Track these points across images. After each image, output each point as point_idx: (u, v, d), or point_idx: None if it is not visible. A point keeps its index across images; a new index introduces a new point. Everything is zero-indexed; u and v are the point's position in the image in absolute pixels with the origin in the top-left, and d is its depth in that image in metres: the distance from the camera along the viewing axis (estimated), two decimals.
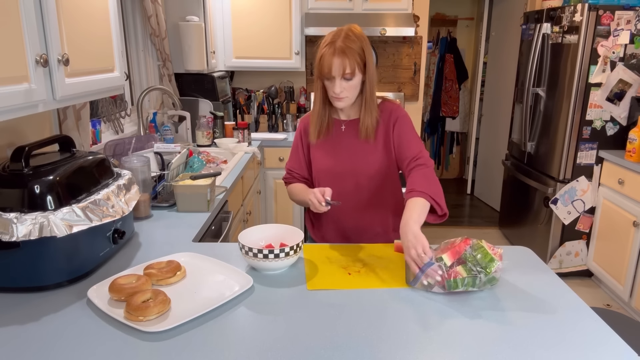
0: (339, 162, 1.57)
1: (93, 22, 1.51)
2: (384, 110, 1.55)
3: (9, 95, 1.11)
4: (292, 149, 1.70)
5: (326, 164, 1.59)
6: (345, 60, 1.40)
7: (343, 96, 1.46)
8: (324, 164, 1.59)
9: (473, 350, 0.98)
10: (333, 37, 1.43)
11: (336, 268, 1.34)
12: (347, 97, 1.47)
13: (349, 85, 1.44)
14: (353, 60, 1.41)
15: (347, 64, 1.40)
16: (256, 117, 3.74)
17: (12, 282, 1.17)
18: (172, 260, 1.29)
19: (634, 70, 2.99)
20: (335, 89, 1.44)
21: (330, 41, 1.42)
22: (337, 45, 1.40)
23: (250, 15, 3.51)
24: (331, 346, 0.98)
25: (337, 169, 1.57)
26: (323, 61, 1.42)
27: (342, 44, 1.40)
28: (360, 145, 1.55)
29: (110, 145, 2.08)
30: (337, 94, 1.45)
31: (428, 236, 1.22)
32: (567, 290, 1.24)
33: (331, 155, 1.58)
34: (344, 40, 1.41)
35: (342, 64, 1.40)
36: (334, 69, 1.41)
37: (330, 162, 1.58)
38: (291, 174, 1.69)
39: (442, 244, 1.27)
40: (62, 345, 0.97)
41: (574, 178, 3.22)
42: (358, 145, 1.55)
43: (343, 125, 1.58)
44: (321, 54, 1.43)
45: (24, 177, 1.16)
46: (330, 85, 1.45)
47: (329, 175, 1.59)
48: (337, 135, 1.58)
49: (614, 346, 1.00)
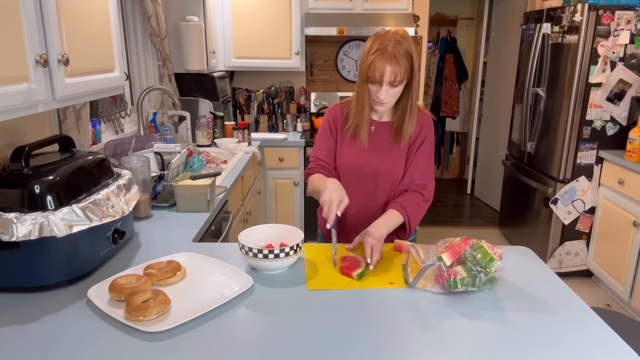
0: (366, 161, 1.56)
1: (93, 22, 1.51)
2: (418, 120, 1.55)
3: (9, 95, 1.11)
4: (319, 138, 1.64)
5: (352, 161, 1.58)
6: (397, 67, 1.37)
7: (386, 102, 1.45)
8: (350, 160, 1.58)
9: (473, 350, 0.98)
10: (382, 42, 1.38)
11: (336, 268, 1.34)
12: (389, 102, 1.47)
13: (393, 92, 1.44)
14: (404, 68, 1.39)
15: (398, 71, 1.38)
16: (256, 117, 3.74)
17: (12, 282, 1.17)
18: (172, 260, 1.29)
19: (634, 70, 2.99)
20: (381, 95, 1.42)
21: (381, 47, 1.38)
22: (388, 51, 1.37)
23: (250, 15, 3.51)
24: (331, 346, 0.98)
25: (363, 167, 1.57)
26: (374, 67, 1.38)
27: (393, 50, 1.37)
28: (389, 148, 1.55)
29: (110, 145, 2.08)
30: (381, 100, 1.44)
31: (428, 236, 1.23)
32: (567, 290, 1.24)
33: (359, 153, 1.57)
34: (394, 46, 1.37)
35: (393, 71, 1.38)
36: (385, 76, 1.38)
37: (356, 159, 1.57)
38: (317, 162, 1.62)
39: (441, 242, 1.27)
40: (62, 345, 0.97)
41: (574, 178, 3.22)
42: (386, 147, 1.56)
43: (373, 125, 1.57)
44: (370, 60, 1.39)
45: (24, 177, 1.16)
46: (375, 90, 1.44)
47: (353, 172, 1.58)
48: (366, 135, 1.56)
49: (614, 346, 1.00)
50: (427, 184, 1.57)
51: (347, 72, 4.04)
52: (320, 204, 1.40)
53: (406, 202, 1.53)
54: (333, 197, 1.32)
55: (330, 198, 1.32)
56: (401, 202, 1.53)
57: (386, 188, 1.58)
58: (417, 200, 1.55)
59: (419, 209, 1.55)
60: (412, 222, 1.54)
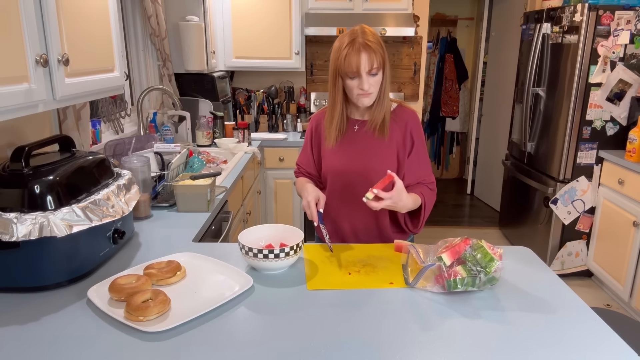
0: (351, 161, 1.56)
1: (93, 22, 1.51)
2: (401, 115, 1.56)
3: (9, 95, 1.11)
4: (303, 145, 1.72)
5: (338, 163, 1.58)
6: (372, 54, 1.41)
7: (371, 92, 1.46)
8: (335, 163, 1.58)
9: (473, 350, 0.98)
10: (351, 36, 1.42)
11: (336, 268, 1.34)
12: (373, 92, 1.48)
13: (375, 81, 1.46)
14: (379, 55, 1.42)
15: (374, 58, 1.41)
16: (256, 117, 3.74)
17: (12, 282, 1.17)
18: (172, 260, 1.29)
19: (634, 70, 2.99)
20: (364, 85, 1.43)
21: (350, 40, 1.41)
22: (359, 41, 1.40)
23: (250, 15, 3.51)
24: (331, 346, 0.98)
25: (349, 168, 1.56)
26: (349, 60, 1.40)
27: (363, 40, 1.40)
28: (373, 144, 1.55)
29: (110, 145, 2.08)
30: (365, 90, 1.44)
31: (428, 236, 1.23)
32: (567, 290, 1.24)
33: (343, 154, 1.57)
34: (363, 36, 1.41)
35: (369, 59, 1.40)
36: (362, 66, 1.40)
37: (342, 161, 1.57)
38: (299, 168, 1.73)
39: (441, 242, 1.27)
40: (62, 345, 0.97)
41: (574, 178, 3.22)
42: (371, 144, 1.55)
43: (357, 125, 1.58)
44: (344, 54, 1.41)
45: (24, 177, 1.16)
46: (356, 83, 1.45)
47: (340, 174, 1.58)
48: (350, 135, 1.57)
49: (614, 346, 1.00)
50: (429, 177, 1.61)
51: None
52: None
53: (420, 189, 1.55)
54: (309, 198, 1.45)
55: (307, 200, 1.45)
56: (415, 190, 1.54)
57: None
58: (428, 189, 1.58)
59: (431, 195, 1.58)
60: (427, 206, 1.55)
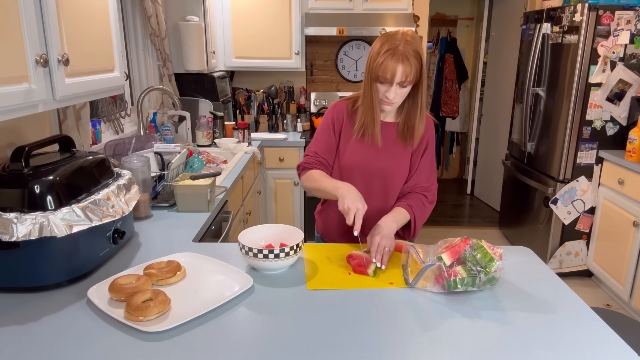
0: (372, 160, 1.56)
1: (93, 22, 1.51)
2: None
3: (9, 95, 1.11)
4: (320, 133, 1.61)
5: (358, 160, 1.56)
6: (408, 67, 1.37)
7: (395, 101, 1.45)
8: (355, 159, 1.57)
9: (473, 350, 0.98)
10: (393, 42, 1.38)
11: (336, 268, 1.34)
12: (397, 102, 1.47)
13: (402, 92, 1.44)
14: (415, 68, 1.38)
15: (409, 71, 1.38)
16: (256, 117, 3.74)
17: (12, 282, 1.17)
18: (172, 260, 1.29)
19: (634, 70, 2.99)
20: (390, 94, 1.42)
21: (391, 47, 1.37)
22: (399, 50, 1.36)
23: (250, 15, 3.51)
24: (331, 346, 0.98)
25: (369, 167, 1.56)
26: (385, 67, 1.38)
27: (404, 49, 1.37)
28: (394, 148, 1.55)
29: (110, 145, 2.08)
30: (390, 99, 1.43)
31: (428, 236, 1.23)
32: (567, 290, 1.24)
33: (365, 152, 1.56)
34: (405, 46, 1.37)
35: (404, 71, 1.37)
36: (397, 76, 1.38)
37: (362, 158, 1.56)
38: (316, 158, 1.59)
39: (441, 242, 1.27)
40: (62, 345, 0.97)
41: (574, 178, 3.22)
42: (392, 147, 1.55)
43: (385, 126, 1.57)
44: (382, 60, 1.38)
45: (24, 177, 1.16)
46: (383, 89, 1.43)
47: (358, 171, 1.57)
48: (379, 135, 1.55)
49: (614, 346, 1.00)
50: (431, 186, 1.59)
51: (347, 72, 4.04)
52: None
53: (412, 202, 1.55)
54: (358, 205, 1.33)
55: (357, 206, 1.32)
56: (407, 201, 1.55)
57: (391, 188, 1.58)
58: (422, 200, 1.57)
59: (424, 209, 1.57)
60: (418, 221, 1.55)
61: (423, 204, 1.57)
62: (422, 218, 1.57)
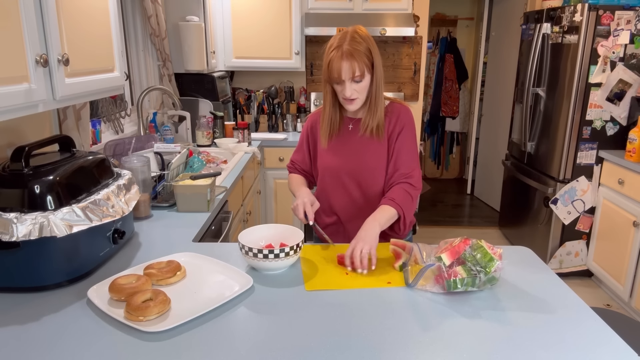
0: (345, 160, 1.57)
1: (93, 22, 1.51)
2: (392, 112, 1.56)
3: (9, 95, 1.11)
4: (299, 142, 1.74)
5: (332, 162, 1.59)
6: (354, 63, 1.40)
7: (354, 98, 1.47)
8: (329, 161, 1.60)
9: (473, 350, 0.98)
10: (339, 41, 1.42)
11: (334, 268, 1.34)
12: (358, 98, 1.48)
13: (360, 87, 1.45)
14: (362, 62, 1.41)
15: (355, 66, 1.40)
16: (256, 117, 3.74)
17: (12, 282, 1.17)
18: (172, 260, 1.29)
19: (634, 70, 2.99)
20: (346, 92, 1.44)
21: (337, 45, 1.42)
22: (344, 48, 1.40)
23: (250, 16, 3.51)
24: (331, 346, 0.98)
25: (343, 167, 1.57)
26: (332, 66, 1.42)
27: (349, 46, 1.40)
28: (367, 144, 1.56)
29: (110, 145, 2.08)
30: (348, 97, 1.45)
31: (428, 236, 1.23)
32: (567, 290, 1.24)
33: (337, 153, 1.58)
34: (350, 43, 1.41)
35: (350, 67, 1.40)
36: (343, 73, 1.41)
37: (336, 160, 1.58)
38: (294, 165, 1.75)
39: (441, 243, 1.27)
40: (62, 345, 0.97)
41: (574, 178, 3.22)
42: (365, 143, 1.56)
43: (351, 124, 1.59)
44: (329, 59, 1.43)
45: (24, 177, 1.16)
46: (341, 89, 1.46)
47: (334, 172, 1.59)
48: (344, 134, 1.59)
49: (614, 346, 1.00)
50: (412, 172, 1.54)
51: None
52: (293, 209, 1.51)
53: (395, 195, 1.50)
54: (304, 199, 1.49)
55: (302, 201, 1.48)
56: (390, 196, 1.50)
57: (374, 184, 1.57)
58: (405, 189, 1.52)
59: (409, 198, 1.51)
60: (407, 213, 1.50)
61: (407, 193, 1.51)
62: (410, 208, 1.52)
